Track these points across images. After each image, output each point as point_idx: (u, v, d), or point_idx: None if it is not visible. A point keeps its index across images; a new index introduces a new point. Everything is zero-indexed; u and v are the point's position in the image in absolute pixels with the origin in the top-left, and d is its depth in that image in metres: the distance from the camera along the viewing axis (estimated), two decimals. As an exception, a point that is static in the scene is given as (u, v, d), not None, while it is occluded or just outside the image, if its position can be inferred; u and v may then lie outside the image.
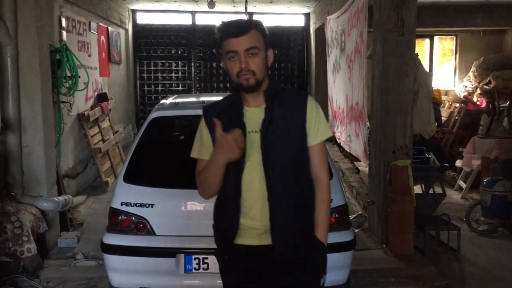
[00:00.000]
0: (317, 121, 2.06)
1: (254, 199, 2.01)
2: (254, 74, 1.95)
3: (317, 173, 2.09)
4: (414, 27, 4.53)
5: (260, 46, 1.96)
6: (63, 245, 4.76)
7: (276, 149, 1.99)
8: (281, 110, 2.01)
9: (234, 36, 1.94)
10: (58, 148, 5.56)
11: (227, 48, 1.96)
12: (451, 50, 10.84)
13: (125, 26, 9.79)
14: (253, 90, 1.98)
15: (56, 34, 5.88)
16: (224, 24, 1.99)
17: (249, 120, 2.01)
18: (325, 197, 2.09)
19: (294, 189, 2.03)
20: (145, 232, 3.01)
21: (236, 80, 1.98)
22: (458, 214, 5.88)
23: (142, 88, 10.88)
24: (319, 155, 2.09)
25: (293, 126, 2.02)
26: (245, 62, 1.93)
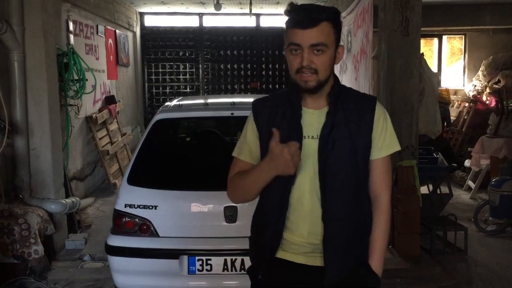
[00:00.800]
0: (384, 131, 1.80)
1: (304, 214, 1.77)
2: (317, 74, 1.69)
3: (377, 193, 1.83)
4: (419, 27, 4.51)
5: (330, 43, 1.69)
6: (70, 246, 4.80)
7: (335, 160, 1.74)
8: (345, 116, 1.76)
9: (300, 26, 1.66)
10: (66, 151, 5.62)
11: (290, 38, 1.69)
12: (460, 49, 10.76)
13: (133, 29, 9.86)
14: (313, 92, 1.73)
15: (64, 38, 5.94)
16: (293, 8, 1.70)
17: (307, 123, 1.77)
18: (384, 221, 1.84)
19: (353, 208, 1.78)
20: (148, 233, 3.03)
21: (295, 77, 1.71)
22: (467, 214, 5.84)
23: (151, 90, 10.95)
24: (382, 172, 1.83)
25: (357, 135, 1.76)
26: (308, 59, 1.67)
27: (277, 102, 1.83)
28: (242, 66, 10.91)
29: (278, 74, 11.01)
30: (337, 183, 1.74)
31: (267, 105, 1.84)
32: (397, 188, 4.46)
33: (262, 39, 10.77)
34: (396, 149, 1.84)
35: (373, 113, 1.79)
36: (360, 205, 1.80)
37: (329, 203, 1.74)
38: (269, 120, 1.80)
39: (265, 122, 1.81)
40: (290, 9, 1.70)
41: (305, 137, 1.75)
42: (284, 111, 1.78)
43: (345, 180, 1.76)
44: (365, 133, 1.77)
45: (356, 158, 1.76)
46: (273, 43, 10.80)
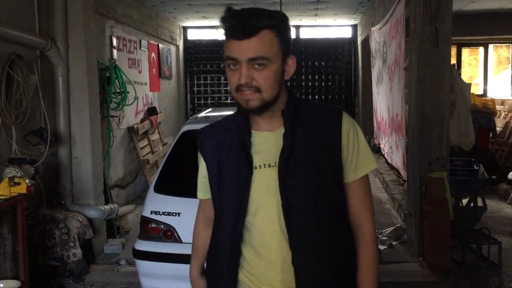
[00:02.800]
0: (356, 147, 1.50)
1: (272, 260, 1.49)
2: (259, 92, 1.41)
3: (357, 221, 1.53)
4: (449, 38, 4.47)
5: (272, 55, 1.40)
6: (109, 251, 5.04)
7: (301, 190, 1.45)
8: (306, 135, 1.47)
9: (235, 37, 1.39)
10: (107, 160, 5.91)
11: (226, 51, 1.43)
12: (507, 58, 10.44)
13: (176, 42, 10.21)
14: (258, 113, 1.47)
15: (107, 53, 6.28)
16: (228, 14, 1.41)
17: (260, 149, 1.49)
18: (370, 257, 1.51)
19: (329, 246, 1.49)
20: (172, 239, 3.18)
21: (235, 95, 1.46)
22: (508, 228, 5.67)
23: (193, 102, 11.26)
24: (361, 195, 1.53)
25: (323, 156, 1.47)
26: (247, 75, 1.40)
27: (224, 127, 1.59)
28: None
29: (317, 85, 11.05)
30: (305, 216, 1.46)
31: (213, 132, 1.61)
32: (426, 200, 4.42)
33: (302, 50, 10.86)
34: (372, 167, 1.54)
35: (340, 128, 1.48)
36: (337, 240, 1.50)
37: (299, 242, 1.45)
38: (215, 150, 1.57)
39: (211, 153, 1.58)
40: (225, 15, 1.42)
41: (260, 166, 1.48)
42: (231, 138, 1.53)
43: (316, 211, 1.47)
44: (333, 152, 1.48)
45: (325, 184, 1.48)
46: (313, 54, 10.87)
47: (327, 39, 10.91)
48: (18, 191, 3.27)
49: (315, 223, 1.48)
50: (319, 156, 1.47)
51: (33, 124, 4.25)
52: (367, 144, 1.56)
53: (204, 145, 1.63)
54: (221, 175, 1.55)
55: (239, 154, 1.50)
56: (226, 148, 1.54)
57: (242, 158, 1.49)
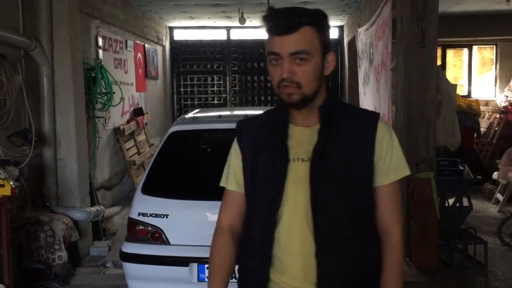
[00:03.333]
0: (390, 152, 1.53)
1: (295, 252, 1.51)
2: (300, 87, 1.46)
3: (385, 226, 1.54)
4: (435, 39, 4.51)
5: (313, 50, 1.46)
6: (95, 253, 4.98)
7: (329, 188, 1.49)
8: (340, 134, 1.51)
9: (277, 33, 1.45)
10: (93, 161, 5.84)
11: (269, 47, 1.49)
12: (491, 59, 10.56)
13: (162, 42, 10.14)
14: (298, 107, 1.51)
15: (93, 53, 6.21)
16: (270, 12, 1.48)
17: (295, 143, 1.53)
18: (396, 261, 1.52)
19: (353, 245, 1.50)
20: (160, 241, 3.14)
21: (277, 91, 1.51)
22: (493, 228, 5.73)
23: (179, 102, 11.20)
24: (390, 201, 1.54)
25: (356, 157, 1.50)
26: (289, 70, 1.45)
27: (262, 121, 1.63)
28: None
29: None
30: (333, 214, 1.48)
31: (251, 126, 1.64)
32: (413, 200, 4.45)
33: (289, 51, 10.86)
34: (405, 173, 1.57)
35: (375, 132, 1.52)
36: (361, 241, 1.52)
37: (324, 237, 1.48)
38: (252, 143, 1.59)
39: (248, 145, 1.60)
40: (267, 14, 1.49)
41: (293, 159, 1.52)
42: (269, 131, 1.57)
43: (343, 210, 1.50)
44: (365, 155, 1.51)
45: (354, 184, 1.51)
46: (299, 55, 10.87)
47: (314, 40, 10.94)
48: (2, 193, 3.22)
49: (341, 220, 1.50)
50: (351, 156, 1.51)
51: (17, 125, 4.18)
52: (402, 151, 1.58)
53: (242, 137, 1.64)
54: (256, 166, 1.57)
55: (276, 146, 1.54)
56: (262, 140, 1.57)
57: (278, 149, 1.53)
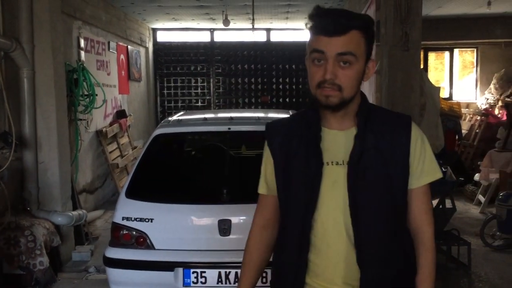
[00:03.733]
0: (423, 155, 1.54)
1: (330, 256, 1.51)
2: (341, 90, 1.44)
3: (418, 227, 1.57)
4: (419, 42, 4.54)
5: (359, 54, 1.45)
6: (77, 258, 4.90)
7: (369, 191, 1.49)
8: (376, 138, 1.51)
9: (326, 33, 1.42)
10: (75, 164, 5.75)
11: (314, 44, 1.45)
12: (472, 62, 10.71)
13: (145, 44, 10.06)
14: (335, 110, 1.49)
15: (75, 54, 6.12)
16: (318, 12, 1.46)
17: (330, 147, 1.52)
18: (430, 261, 1.55)
19: (393, 247, 1.53)
20: (144, 246, 3.09)
21: (314, 91, 1.47)
22: (475, 229, 5.79)
23: (163, 104, 11.11)
24: (423, 202, 1.56)
25: (392, 160, 1.51)
26: (332, 72, 1.42)
27: (293, 124, 1.61)
28: (253, 80, 11.01)
29: (288, 88, 11.08)
30: (372, 217, 1.49)
31: (282, 128, 1.62)
32: (398, 202, 4.46)
33: (273, 54, 10.88)
34: (437, 176, 1.57)
35: (409, 135, 1.53)
36: (400, 242, 1.55)
37: (365, 241, 1.48)
38: (283, 146, 1.57)
39: (280, 149, 1.58)
40: (315, 13, 1.46)
41: (327, 163, 1.51)
42: (301, 134, 1.55)
43: (382, 213, 1.50)
44: (401, 158, 1.52)
45: (393, 187, 1.51)
46: (283, 57, 10.90)
47: (297, 43, 10.95)
48: (-19, 198, 3.13)
49: (380, 224, 1.51)
50: (388, 160, 1.51)
51: (-3, 128, 4.09)
52: (433, 154, 1.60)
53: (272, 140, 1.62)
54: (289, 170, 1.56)
55: (309, 149, 1.52)
56: (295, 143, 1.55)
57: (312, 153, 1.51)
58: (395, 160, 1.51)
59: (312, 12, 1.47)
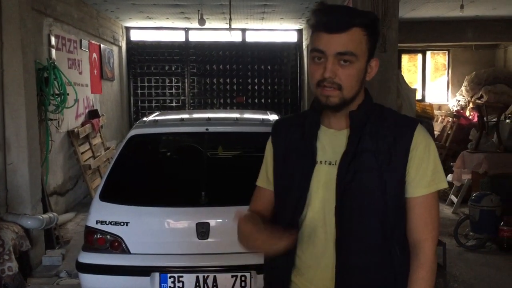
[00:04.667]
0: (426, 162, 1.45)
1: (314, 255, 1.48)
2: (340, 90, 1.41)
3: (415, 240, 1.46)
4: (396, 44, 4.57)
5: (360, 53, 1.41)
6: (47, 263, 4.74)
7: (356, 195, 1.42)
8: (373, 142, 1.44)
9: (327, 30, 1.39)
10: (45, 165, 5.58)
11: (314, 43, 1.42)
12: (443, 64, 10.92)
13: (119, 43, 9.87)
14: (335, 110, 1.46)
15: (45, 52, 5.94)
16: (322, 8, 1.43)
17: (325, 146, 1.49)
18: (421, 277, 1.43)
19: (378, 259, 1.44)
20: (120, 250, 3.00)
21: (314, 90, 1.45)
22: (448, 229, 5.86)
23: (136, 104, 10.93)
24: (422, 213, 1.45)
25: (389, 166, 1.43)
26: (332, 70, 1.39)
27: (296, 121, 1.59)
28: (228, 80, 10.95)
29: (263, 88, 11.06)
30: (357, 224, 1.42)
31: (285, 126, 1.61)
32: (375, 203, 4.47)
33: (248, 54, 10.83)
34: (440, 186, 1.46)
35: (410, 141, 1.44)
36: (388, 255, 1.45)
37: (346, 248, 1.42)
38: (283, 143, 1.57)
39: (282, 143, 1.58)
40: (319, 8, 1.43)
41: (321, 162, 1.47)
42: (300, 132, 1.54)
43: (368, 221, 1.43)
44: (399, 164, 1.44)
45: (385, 194, 1.42)
46: (259, 58, 10.86)
47: (273, 43, 10.95)
48: None
49: (366, 231, 1.44)
50: (384, 164, 1.43)
51: (-37, 128, 3.91)
52: (440, 162, 1.50)
53: (276, 135, 1.63)
54: (284, 166, 1.55)
55: (304, 147, 1.51)
56: (294, 140, 1.55)
57: (306, 150, 1.50)
58: (391, 165, 1.43)
59: (316, 7, 1.44)
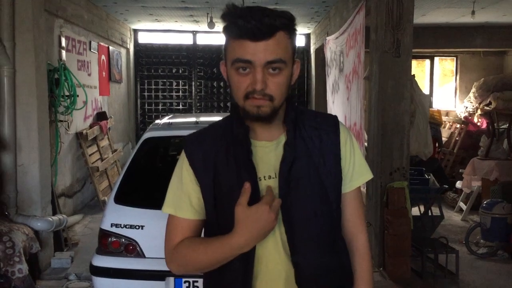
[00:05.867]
0: (353, 157, 1.44)
1: (273, 278, 1.37)
2: (272, 100, 1.30)
3: (353, 233, 1.48)
4: (410, 49, 4.53)
5: (288, 58, 1.30)
6: (56, 265, 4.71)
7: (303, 202, 1.36)
8: (305, 144, 1.38)
9: (250, 37, 1.25)
10: (54, 167, 5.56)
11: (237, 53, 1.28)
12: (451, 70, 10.86)
13: (127, 45, 9.87)
14: (267, 121, 1.34)
15: (56, 54, 5.93)
16: (237, 11, 1.27)
17: (260, 160, 1.37)
18: (367, 270, 1.47)
19: (331, 260, 1.41)
20: (134, 254, 2.96)
21: (241, 103, 1.32)
22: (459, 237, 5.81)
23: (143, 107, 10.91)
24: (356, 207, 1.47)
25: (325, 166, 1.39)
26: (263, 81, 1.27)
27: (216, 136, 1.42)
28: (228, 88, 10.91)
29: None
30: (309, 230, 1.37)
31: (203, 143, 1.42)
32: (388, 210, 4.43)
33: (256, 58, 10.81)
34: (368, 177, 1.48)
35: (338, 138, 1.42)
36: (338, 254, 1.44)
37: (302, 258, 1.35)
38: (208, 162, 1.38)
39: (204, 166, 1.39)
40: (233, 12, 1.27)
41: (260, 178, 1.36)
42: (227, 147, 1.38)
43: (318, 226, 1.38)
44: (333, 163, 1.40)
45: (327, 195, 1.39)
46: (266, 61, 10.83)
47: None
48: (-41, 202, 2.95)
49: (318, 236, 1.38)
50: (321, 166, 1.38)
51: (-25, 128, 3.89)
52: (362, 155, 1.49)
53: (193, 157, 1.40)
54: (219, 190, 1.38)
55: (239, 165, 1.35)
56: (221, 159, 1.38)
57: (244, 169, 1.35)
58: (327, 167, 1.39)
59: (228, 11, 1.27)
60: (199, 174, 1.39)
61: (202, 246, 1.35)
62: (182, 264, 1.39)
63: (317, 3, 7.57)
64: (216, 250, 1.31)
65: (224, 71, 1.38)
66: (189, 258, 1.36)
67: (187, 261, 1.37)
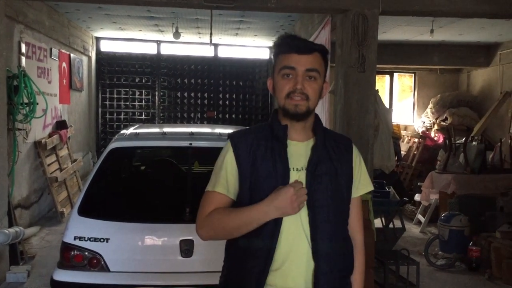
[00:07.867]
0: (360, 170, 1.83)
1: (291, 251, 1.68)
2: (308, 100, 1.69)
3: (353, 232, 1.84)
4: (374, 64, 4.65)
5: (321, 72, 1.72)
6: (11, 279, 4.53)
7: (324, 194, 1.71)
8: (328, 151, 1.76)
9: (296, 51, 1.68)
10: (11, 177, 5.35)
11: (285, 62, 1.69)
12: (410, 86, 11.20)
13: (88, 53, 9.68)
14: (301, 118, 1.71)
15: (15, 60, 5.74)
16: (288, 36, 1.75)
17: (291, 155, 1.72)
18: (362, 263, 1.87)
19: (342, 245, 1.76)
20: (98, 268, 2.88)
21: (282, 102, 1.70)
22: (417, 248, 5.95)
23: (104, 116, 10.70)
24: (358, 211, 1.86)
25: (342, 171, 1.76)
26: (302, 83, 1.68)
27: (258, 134, 1.76)
28: (199, 95, 10.89)
29: (234, 104, 11.05)
30: (326, 217, 1.70)
31: (248, 138, 1.76)
32: (352, 222, 4.48)
33: (220, 69, 10.83)
34: (370, 188, 1.86)
35: (351, 153, 1.81)
36: (347, 242, 1.80)
37: (320, 238, 1.68)
38: (250, 153, 1.72)
39: (246, 155, 1.72)
40: (286, 37, 1.75)
41: (291, 169, 1.70)
42: (267, 144, 1.72)
43: (334, 215, 1.72)
44: (348, 171, 1.78)
45: (342, 193, 1.76)
46: (230, 73, 10.87)
47: (245, 59, 10.98)
48: None
49: (333, 223, 1.71)
50: (339, 170, 1.75)
51: None
52: (367, 171, 1.90)
53: (238, 147, 1.74)
54: (256, 175, 1.69)
55: (276, 156, 1.69)
56: (261, 152, 1.71)
57: (279, 159, 1.69)
58: (344, 171, 1.76)
59: (284, 35, 1.76)
60: (240, 160, 1.72)
61: (234, 212, 1.68)
62: (214, 228, 1.69)
63: (282, 17, 7.67)
64: (247, 214, 1.64)
65: (270, 85, 1.78)
66: (222, 221, 1.67)
67: (219, 224, 1.68)
